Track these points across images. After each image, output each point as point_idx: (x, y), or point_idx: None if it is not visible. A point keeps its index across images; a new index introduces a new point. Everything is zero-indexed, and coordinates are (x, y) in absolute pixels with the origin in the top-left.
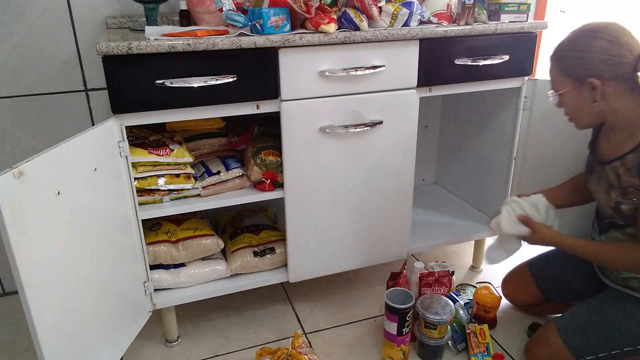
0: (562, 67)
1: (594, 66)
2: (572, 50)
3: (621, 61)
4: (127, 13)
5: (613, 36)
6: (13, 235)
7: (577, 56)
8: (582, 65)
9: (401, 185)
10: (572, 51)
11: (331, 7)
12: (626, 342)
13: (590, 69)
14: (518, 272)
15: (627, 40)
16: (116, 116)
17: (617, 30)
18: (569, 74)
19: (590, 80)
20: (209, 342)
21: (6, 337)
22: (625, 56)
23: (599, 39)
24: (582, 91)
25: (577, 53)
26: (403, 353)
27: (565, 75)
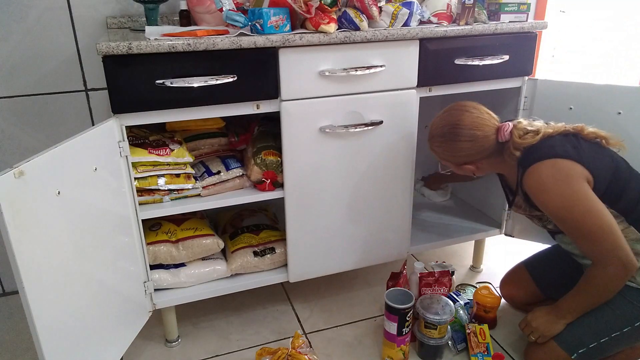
0: (439, 156)
1: (464, 159)
2: (442, 148)
3: (484, 147)
4: (127, 13)
5: (469, 134)
6: (13, 235)
7: (448, 154)
8: (454, 159)
9: (401, 185)
10: (442, 149)
11: (331, 7)
12: (613, 328)
13: (462, 160)
14: (516, 272)
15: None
16: (116, 116)
17: (471, 122)
18: (447, 160)
19: (464, 167)
20: (209, 342)
21: (6, 337)
22: (484, 144)
23: (460, 142)
24: (462, 168)
25: (447, 152)
26: (403, 353)
27: (444, 160)
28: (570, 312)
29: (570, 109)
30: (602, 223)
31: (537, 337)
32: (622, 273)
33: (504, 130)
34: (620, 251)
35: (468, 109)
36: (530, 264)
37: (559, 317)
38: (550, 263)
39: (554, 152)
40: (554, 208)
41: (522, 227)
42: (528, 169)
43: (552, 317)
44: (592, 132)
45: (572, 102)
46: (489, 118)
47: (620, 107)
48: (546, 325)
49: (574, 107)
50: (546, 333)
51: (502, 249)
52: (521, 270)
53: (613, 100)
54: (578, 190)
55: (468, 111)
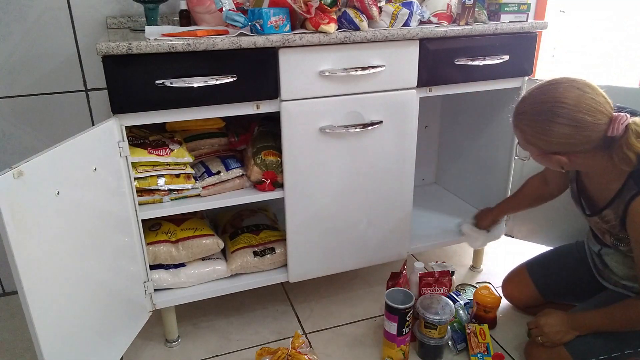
0: (525, 138)
1: (557, 147)
2: (533, 128)
3: (590, 138)
4: (127, 13)
5: (574, 117)
6: (13, 235)
7: (539, 136)
8: (544, 144)
9: (401, 185)
10: (532, 129)
11: (331, 7)
12: (627, 345)
13: (554, 148)
14: (517, 273)
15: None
16: (116, 116)
17: (580, 103)
18: (533, 145)
19: (553, 157)
20: (209, 342)
21: (6, 337)
22: (591, 134)
23: (559, 124)
24: (549, 157)
25: (538, 134)
26: (403, 353)
27: (529, 144)
28: (588, 328)
29: None
30: None
31: (544, 341)
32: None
33: (618, 122)
34: None
35: (580, 86)
36: (532, 266)
37: (574, 328)
38: (551, 267)
39: None
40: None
41: (522, 228)
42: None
43: (566, 328)
44: None
45: None
46: (604, 103)
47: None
48: (558, 334)
49: None
50: (556, 341)
51: (502, 249)
52: (522, 272)
53: (613, 101)
54: None
55: (580, 89)
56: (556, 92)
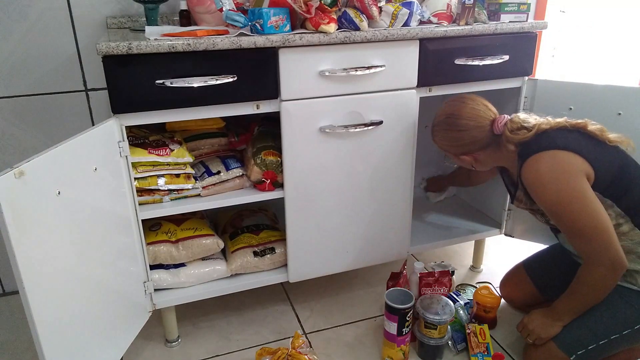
0: (439, 145)
1: (460, 149)
2: (440, 137)
3: (478, 138)
4: (127, 13)
5: (460, 123)
6: (13, 235)
7: (446, 143)
8: (452, 148)
9: (401, 185)
10: (440, 138)
11: (331, 7)
12: (612, 330)
13: (459, 150)
14: (514, 273)
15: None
16: (116, 116)
17: (462, 112)
18: (446, 150)
19: (462, 158)
20: (209, 342)
21: (6, 337)
22: (477, 134)
23: (452, 131)
24: (461, 159)
25: (445, 142)
26: (403, 353)
27: (443, 149)
28: (566, 313)
29: (570, 109)
30: (597, 222)
31: (534, 339)
32: (611, 273)
33: (498, 123)
34: (611, 251)
35: (465, 100)
36: (529, 265)
37: (554, 319)
38: (548, 264)
39: (554, 143)
40: (549, 203)
41: (522, 227)
42: (526, 161)
43: (548, 320)
44: (597, 129)
45: (572, 102)
46: (485, 110)
47: (620, 108)
48: (542, 327)
49: (574, 107)
50: (543, 335)
51: (502, 249)
52: (520, 271)
53: (613, 101)
54: (575, 187)
55: (464, 102)
56: (447, 108)
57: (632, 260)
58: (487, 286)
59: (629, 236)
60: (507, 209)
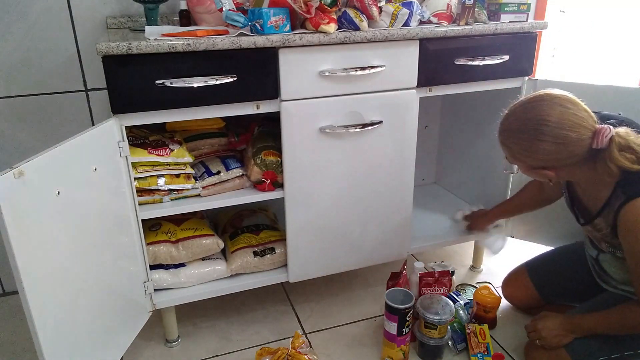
0: (511, 154)
1: (543, 162)
2: (518, 145)
3: (574, 153)
4: (127, 13)
5: (558, 134)
6: (13, 235)
7: (525, 153)
8: (531, 160)
9: (401, 185)
10: (518, 146)
11: (331, 7)
12: (627, 346)
13: (540, 164)
14: (516, 274)
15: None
16: (116, 116)
17: (563, 120)
18: (520, 160)
19: (540, 172)
20: (209, 342)
21: (6, 337)
22: (575, 149)
23: (544, 142)
24: (537, 172)
25: (524, 151)
26: (403, 353)
27: (515, 159)
28: (586, 331)
29: None
30: None
31: (542, 344)
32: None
33: (602, 135)
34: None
35: (562, 102)
36: (532, 267)
37: (571, 331)
38: (551, 269)
39: None
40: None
41: (523, 228)
42: (636, 200)
43: (564, 331)
44: None
45: None
46: (587, 117)
47: (620, 108)
48: (556, 337)
49: None
50: (553, 344)
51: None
52: (522, 273)
53: (613, 101)
54: None
55: (562, 105)
56: (539, 110)
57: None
58: (487, 286)
59: None
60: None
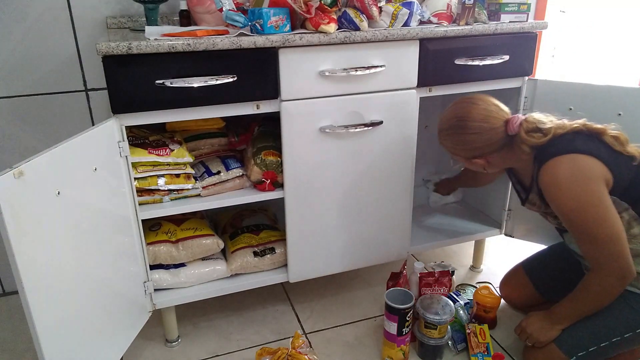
0: (448, 149)
1: (473, 152)
2: (450, 141)
3: (493, 140)
4: (127, 13)
5: (473, 126)
6: (13, 235)
7: (457, 147)
8: (463, 152)
9: (401, 185)
10: (450, 142)
11: (331, 7)
12: (614, 333)
13: (471, 154)
14: (514, 274)
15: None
16: (116, 116)
17: (474, 114)
18: (456, 154)
19: (474, 161)
20: (209, 342)
21: (6, 337)
22: (491, 137)
23: (465, 134)
24: (472, 162)
25: (456, 146)
26: (403, 353)
27: (453, 154)
28: (565, 318)
29: (570, 109)
30: (611, 231)
31: (532, 342)
32: (619, 282)
33: (512, 123)
34: (622, 260)
35: (475, 102)
36: (528, 265)
37: (553, 322)
38: (548, 265)
39: (574, 146)
40: (566, 208)
41: (522, 228)
42: (545, 164)
43: (547, 324)
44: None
45: (572, 102)
46: (497, 110)
47: (620, 108)
48: (541, 331)
49: (574, 107)
50: (541, 339)
51: (502, 249)
52: (519, 272)
53: (613, 101)
54: (593, 194)
55: (475, 103)
56: (457, 110)
57: (638, 264)
58: (487, 286)
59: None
60: (507, 209)
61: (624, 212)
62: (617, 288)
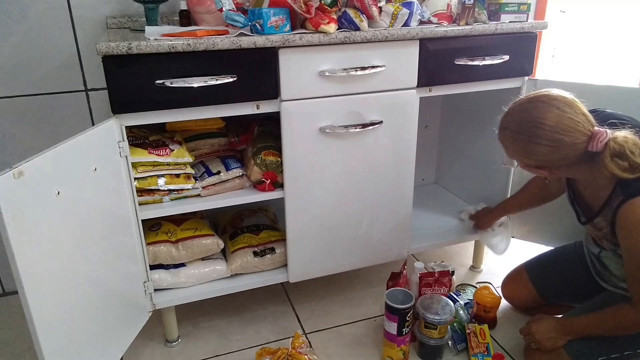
0: (508, 152)
1: (537, 162)
2: (515, 144)
3: (568, 156)
4: (127, 13)
5: (552, 138)
6: (13, 236)
7: (521, 152)
8: (526, 160)
9: (401, 185)
10: (514, 145)
11: (331, 7)
12: (626, 346)
13: (535, 163)
14: (516, 275)
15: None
16: (116, 116)
17: (559, 124)
18: (516, 158)
19: (535, 170)
20: (209, 342)
21: (6, 337)
22: (568, 153)
23: (538, 144)
24: (533, 170)
25: (520, 151)
26: (403, 353)
27: (513, 156)
28: (578, 333)
29: None
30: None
31: (538, 347)
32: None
33: (597, 140)
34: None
35: (559, 105)
36: (531, 267)
37: (565, 333)
38: (550, 268)
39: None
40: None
41: (523, 228)
42: (634, 199)
43: (558, 334)
44: None
45: None
46: (584, 121)
47: (620, 108)
48: (550, 340)
49: None
50: (548, 347)
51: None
52: (521, 273)
53: (613, 101)
54: None
55: (559, 108)
56: (536, 112)
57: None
58: (487, 286)
59: None
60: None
61: None
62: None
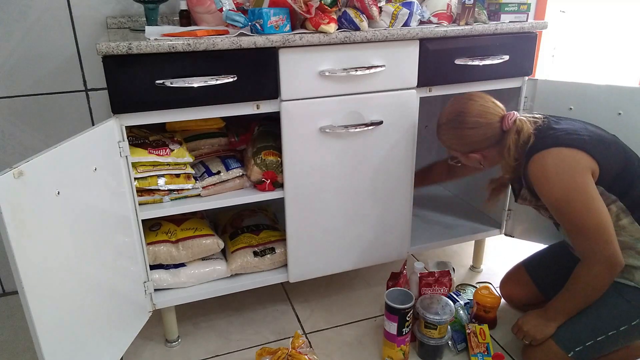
0: (446, 144)
1: (469, 147)
2: (447, 135)
3: (488, 135)
4: (127, 13)
5: (470, 121)
6: (13, 235)
7: (454, 142)
8: (460, 147)
9: (401, 185)
10: (448, 138)
11: (331, 7)
12: (609, 326)
13: (468, 148)
14: (515, 272)
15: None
16: (116, 116)
17: (472, 110)
18: (454, 149)
19: (470, 156)
20: (209, 342)
21: (6, 337)
22: (486, 131)
23: (463, 129)
24: (468, 157)
25: (454, 140)
26: (403, 353)
27: (451, 149)
28: (560, 313)
29: (570, 109)
30: (598, 220)
31: (529, 340)
32: (608, 271)
33: (508, 119)
34: (609, 249)
35: (473, 98)
36: (530, 264)
37: (549, 319)
38: (549, 264)
39: (559, 141)
40: (553, 199)
41: (522, 227)
42: (532, 158)
43: (542, 320)
44: None
45: (572, 102)
46: (494, 106)
47: (620, 108)
48: (537, 328)
49: (574, 107)
50: (538, 336)
51: (502, 249)
52: (520, 270)
53: (613, 101)
54: (580, 184)
55: (473, 100)
56: (455, 106)
57: (630, 256)
58: (487, 286)
59: (628, 231)
60: (508, 208)
61: (612, 204)
62: (606, 277)
